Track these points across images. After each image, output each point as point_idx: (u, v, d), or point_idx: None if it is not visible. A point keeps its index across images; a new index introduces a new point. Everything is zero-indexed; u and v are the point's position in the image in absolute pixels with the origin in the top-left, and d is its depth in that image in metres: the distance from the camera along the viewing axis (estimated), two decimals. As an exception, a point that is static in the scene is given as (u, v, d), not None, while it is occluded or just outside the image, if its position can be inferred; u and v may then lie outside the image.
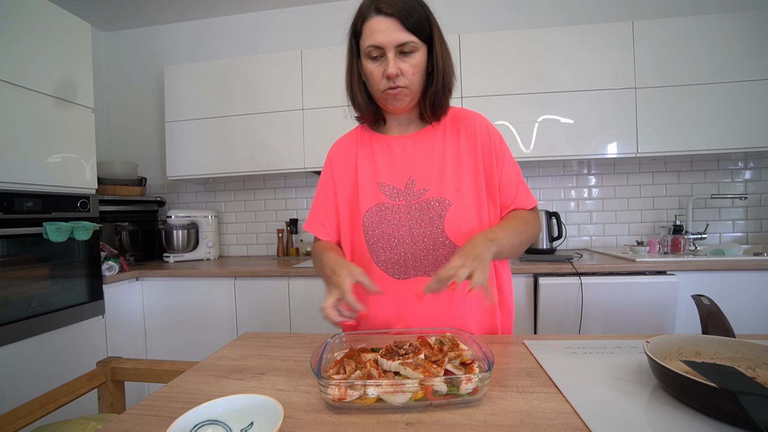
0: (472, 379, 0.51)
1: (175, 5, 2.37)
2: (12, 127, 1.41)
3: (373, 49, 0.75)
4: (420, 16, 0.74)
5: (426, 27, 0.76)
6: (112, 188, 2.18)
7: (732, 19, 1.80)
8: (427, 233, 0.82)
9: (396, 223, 0.83)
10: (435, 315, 0.82)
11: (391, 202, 0.84)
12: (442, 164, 0.84)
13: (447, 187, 0.82)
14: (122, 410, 0.99)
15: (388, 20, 0.73)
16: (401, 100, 0.79)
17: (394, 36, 0.73)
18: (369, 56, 0.77)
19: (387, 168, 0.86)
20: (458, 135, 0.86)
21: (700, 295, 0.72)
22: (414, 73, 0.76)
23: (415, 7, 0.74)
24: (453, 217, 0.81)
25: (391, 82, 0.76)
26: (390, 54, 0.74)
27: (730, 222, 2.14)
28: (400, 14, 0.72)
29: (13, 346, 1.38)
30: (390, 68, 0.74)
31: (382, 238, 0.84)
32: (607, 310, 1.59)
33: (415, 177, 0.84)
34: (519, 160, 1.98)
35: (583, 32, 1.90)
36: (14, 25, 1.42)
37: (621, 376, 0.58)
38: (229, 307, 1.89)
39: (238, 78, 2.15)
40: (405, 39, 0.73)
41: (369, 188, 0.86)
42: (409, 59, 0.75)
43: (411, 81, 0.77)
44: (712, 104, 1.81)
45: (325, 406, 0.53)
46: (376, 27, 0.73)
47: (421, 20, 0.74)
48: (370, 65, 0.77)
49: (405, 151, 0.86)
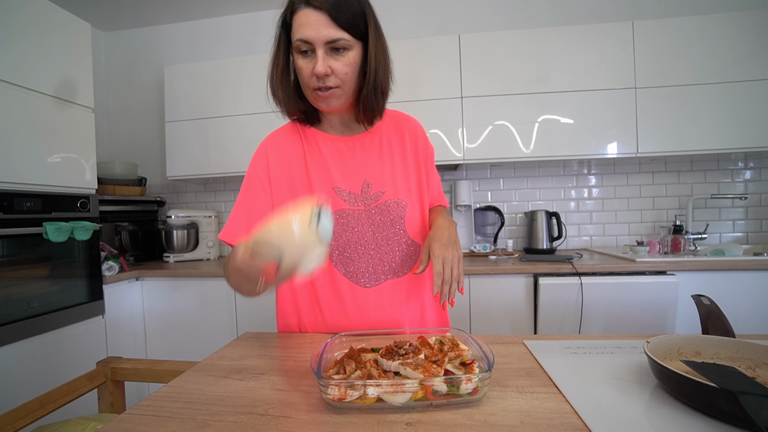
0: (472, 379, 0.51)
1: (175, 5, 2.37)
2: (12, 127, 1.41)
3: (301, 43, 0.70)
4: (354, 11, 0.69)
5: (360, 23, 0.71)
6: (112, 188, 2.18)
7: (732, 20, 1.80)
8: (391, 236, 0.82)
9: (360, 230, 0.80)
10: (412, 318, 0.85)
11: (351, 208, 0.81)
12: (392, 166, 0.84)
13: (400, 188, 0.84)
14: (122, 410, 0.99)
15: (318, 14, 0.67)
16: (332, 100, 0.75)
17: (324, 32, 0.68)
18: (298, 50, 0.71)
19: (340, 171, 0.81)
20: (402, 136, 0.87)
21: (700, 295, 0.72)
22: (347, 72, 0.72)
23: (348, 1, 0.69)
24: (411, 217, 0.84)
25: (321, 82, 0.72)
26: (319, 51, 0.69)
27: (730, 222, 2.14)
28: (331, 9, 0.67)
29: (13, 346, 1.38)
30: (319, 66, 0.69)
31: (348, 247, 0.80)
32: (607, 310, 1.59)
33: (370, 180, 0.82)
34: (519, 160, 2.01)
35: (583, 32, 1.90)
36: (14, 25, 1.42)
37: (621, 376, 0.58)
38: (229, 307, 1.89)
39: (238, 78, 2.15)
40: (335, 36, 0.68)
41: (325, 194, 0.81)
42: (340, 57, 0.70)
43: (343, 81, 0.72)
44: (712, 104, 1.81)
45: (325, 406, 0.53)
46: (304, 20, 0.68)
47: (355, 16, 0.70)
48: (299, 60, 0.72)
49: (355, 153, 0.83)
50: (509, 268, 1.68)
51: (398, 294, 0.83)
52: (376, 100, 0.77)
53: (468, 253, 2.11)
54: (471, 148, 1.97)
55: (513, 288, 1.69)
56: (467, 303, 1.71)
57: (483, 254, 2.03)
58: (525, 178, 2.29)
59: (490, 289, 1.69)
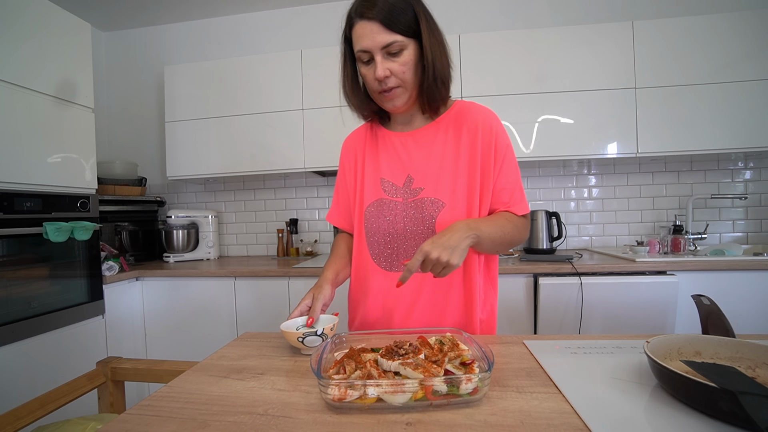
0: (472, 379, 0.51)
1: (175, 5, 2.37)
2: (12, 127, 1.41)
3: (362, 53, 0.77)
4: (404, 13, 0.74)
5: (411, 23, 0.75)
6: (112, 188, 2.18)
7: (732, 20, 1.80)
8: (419, 231, 0.84)
9: (392, 219, 0.85)
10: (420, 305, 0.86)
11: (390, 199, 0.86)
12: (440, 164, 0.84)
13: (442, 188, 0.83)
14: (122, 410, 0.99)
15: (371, 24, 0.73)
16: (396, 99, 0.80)
17: (379, 39, 0.73)
18: (361, 60, 0.78)
19: (389, 164, 0.88)
20: (459, 133, 0.85)
21: (700, 295, 0.72)
22: (404, 71, 0.77)
23: (398, 5, 0.74)
24: (445, 218, 0.82)
25: (383, 85, 0.78)
26: (378, 57, 0.75)
27: (730, 222, 2.14)
28: (381, 16, 0.73)
29: (13, 346, 1.38)
30: (378, 71, 0.75)
31: (378, 232, 0.87)
32: (607, 310, 1.59)
33: (413, 175, 0.85)
34: (519, 160, 1.97)
35: (583, 32, 1.90)
36: (14, 25, 1.42)
37: (621, 376, 0.58)
38: (229, 307, 1.89)
39: (238, 78, 2.15)
40: (389, 40, 0.74)
41: (372, 183, 0.89)
42: (397, 58, 0.76)
43: (403, 79, 0.77)
44: (712, 104, 1.81)
45: (325, 406, 0.53)
46: (360, 32, 0.75)
47: (405, 17, 0.74)
48: (363, 69, 0.79)
49: (406, 148, 0.87)
50: (509, 268, 1.68)
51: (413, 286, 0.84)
52: (438, 90, 0.81)
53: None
54: (471, 148, 1.97)
55: (513, 288, 1.69)
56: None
57: (483, 254, 2.03)
58: (525, 178, 2.29)
59: (490, 289, 1.69)
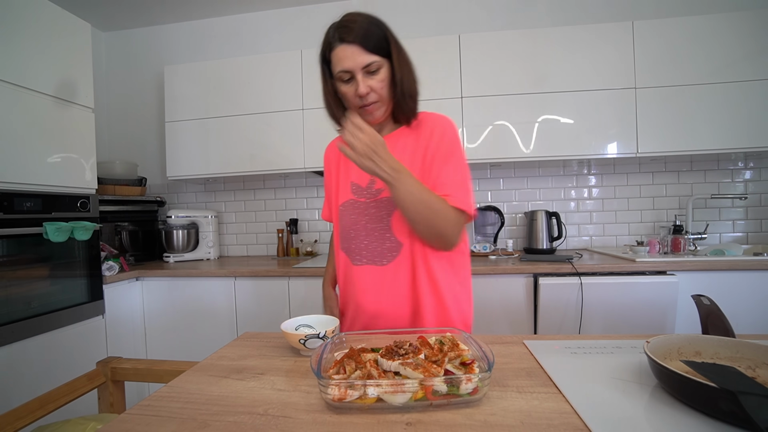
0: (472, 379, 0.51)
1: (175, 5, 2.37)
2: (12, 127, 1.41)
3: (343, 73, 0.84)
4: (378, 37, 0.84)
5: (384, 45, 0.85)
6: (112, 188, 2.18)
7: (732, 20, 1.80)
8: (377, 229, 0.91)
9: (356, 218, 0.93)
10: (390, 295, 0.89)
11: (355, 199, 0.95)
12: None
13: None
14: (122, 410, 0.99)
15: (352, 47, 0.82)
16: (376, 112, 0.89)
17: (359, 60, 0.82)
18: (341, 80, 0.86)
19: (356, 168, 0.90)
20: (417, 139, 0.93)
21: (700, 295, 0.72)
22: (382, 87, 0.86)
23: (372, 30, 0.83)
24: (399, 217, 0.89)
25: (364, 100, 0.86)
26: (358, 76, 0.83)
27: (730, 222, 2.14)
28: (361, 40, 0.81)
29: (13, 346, 1.38)
30: (360, 88, 0.83)
31: (345, 229, 0.96)
32: (607, 310, 1.59)
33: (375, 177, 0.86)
34: (519, 160, 2.00)
35: (583, 32, 1.90)
36: (14, 25, 1.42)
37: (621, 376, 0.58)
38: (229, 307, 1.89)
39: (238, 78, 2.15)
40: (368, 60, 0.82)
41: (344, 186, 0.97)
42: (375, 76, 0.85)
43: (380, 95, 0.87)
44: (712, 104, 1.81)
45: (325, 406, 0.53)
46: (342, 55, 0.83)
47: (379, 40, 0.84)
48: (343, 87, 0.87)
49: None
50: (509, 268, 1.68)
51: (380, 280, 0.90)
52: (406, 103, 0.91)
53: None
54: (471, 148, 1.97)
55: (513, 288, 1.69)
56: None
57: (483, 254, 2.03)
58: (525, 178, 2.29)
59: (490, 289, 1.69)
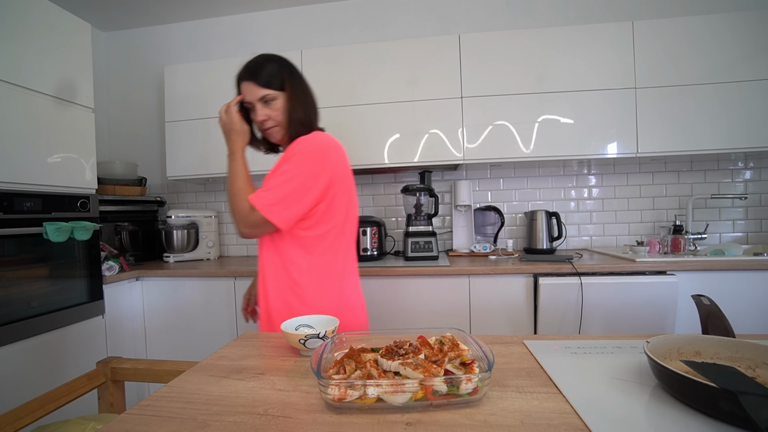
0: (472, 379, 0.51)
1: (175, 5, 2.37)
2: (12, 127, 1.41)
3: (248, 104, 1.03)
4: (271, 72, 0.99)
5: (277, 79, 1.00)
6: (112, 188, 2.18)
7: (732, 20, 1.80)
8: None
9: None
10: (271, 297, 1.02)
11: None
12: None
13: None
14: (122, 410, 0.99)
15: (248, 83, 1.00)
16: (275, 135, 1.05)
17: (255, 93, 0.99)
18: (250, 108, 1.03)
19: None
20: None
21: (700, 295, 0.72)
22: (279, 114, 1.01)
23: (265, 66, 1.00)
24: None
25: (264, 125, 1.03)
26: (257, 105, 1.01)
27: (730, 222, 2.14)
28: (254, 77, 0.99)
29: (13, 346, 1.38)
30: (258, 116, 1.01)
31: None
32: (607, 310, 1.59)
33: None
34: (519, 160, 2.00)
35: (583, 32, 1.90)
36: (14, 25, 1.42)
37: (621, 376, 0.58)
38: (229, 307, 1.89)
39: (238, 78, 2.15)
40: (261, 94, 0.99)
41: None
42: (272, 105, 1.01)
43: (277, 121, 1.02)
44: (712, 104, 1.81)
45: (325, 406, 0.53)
46: (245, 90, 1.01)
47: (272, 76, 0.99)
48: (252, 114, 1.04)
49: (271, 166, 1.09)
50: (509, 268, 1.68)
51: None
52: (295, 129, 1.02)
53: (468, 253, 2.12)
54: (471, 148, 1.97)
55: (513, 288, 1.69)
56: (467, 303, 1.71)
57: (483, 254, 2.03)
58: (525, 178, 2.29)
59: (490, 289, 1.69)
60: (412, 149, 2.01)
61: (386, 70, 2.00)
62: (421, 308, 1.73)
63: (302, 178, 0.94)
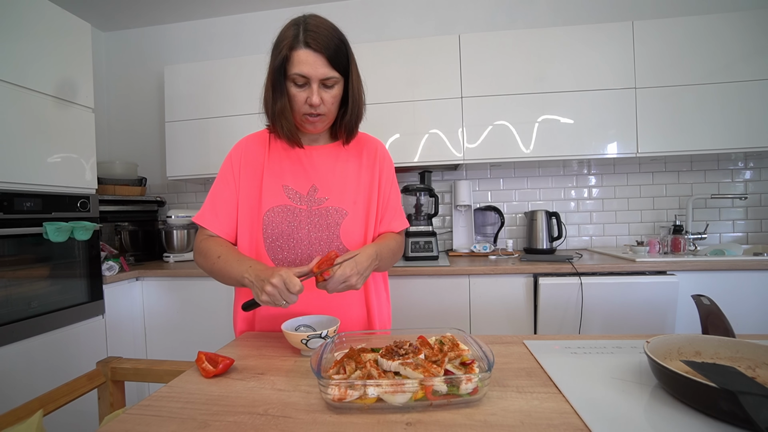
0: (472, 379, 0.51)
1: (175, 5, 2.37)
2: (12, 127, 1.41)
3: (298, 77, 0.81)
4: (342, 54, 0.83)
5: (345, 63, 0.84)
6: (112, 188, 2.18)
7: (732, 20, 1.80)
8: (324, 237, 0.90)
9: (296, 225, 0.90)
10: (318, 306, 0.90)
11: (293, 205, 0.91)
12: (343, 178, 0.93)
13: (346, 198, 0.92)
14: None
15: (316, 55, 0.79)
16: (319, 124, 0.88)
17: (321, 71, 0.80)
18: (294, 82, 0.82)
19: (292, 173, 0.92)
20: (360, 156, 0.96)
21: (700, 295, 0.72)
22: (333, 103, 0.85)
23: (339, 46, 0.82)
24: (347, 226, 0.91)
25: (313, 110, 0.84)
26: (314, 85, 0.81)
27: (730, 222, 2.14)
28: (327, 52, 0.80)
29: (13, 346, 1.38)
30: (314, 98, 0.81)
31: (281, 237, 0.90)
32: (607, 310, 1.59)
33: (318, 185, 0.92)
34: (519, 160, 2.01)
35: (583, 32, 1.90)
36: (14, 25, 1.42)
37: (621, 376, 0.58)
38: (229, 307, 1.88)
39: (238, 78, 2.15)
40: (329, 74, 0.81)
41: (273, 189, 0.91)
42: (330, 91, 0.84)
43: (329, 109, 0.86)
44: (712, 104, 1.81)
45: (325, 406, 0.53)
46: (303, 59, 0.79)
47: (342, 58, 0.83)
48: (293, 89, 0.83)
49: (312, 160, 0.94)
50: (509, 268, 1.68)
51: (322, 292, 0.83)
52: (355, 125, 0.92)
53: (468, 253, 2.11)
54: (471, 148, 1.97)
55: (513, 288, 1.69)
56: (467, 303, 1.71)
57: (483, 254, 2.03)
58: (525, 178, 2.29)
59: (490, 289, 1.69)
60: (412, 149, 2.01)
61: (386, 70, 2.00)
62: (421, 308, 1.73)
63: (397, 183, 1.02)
